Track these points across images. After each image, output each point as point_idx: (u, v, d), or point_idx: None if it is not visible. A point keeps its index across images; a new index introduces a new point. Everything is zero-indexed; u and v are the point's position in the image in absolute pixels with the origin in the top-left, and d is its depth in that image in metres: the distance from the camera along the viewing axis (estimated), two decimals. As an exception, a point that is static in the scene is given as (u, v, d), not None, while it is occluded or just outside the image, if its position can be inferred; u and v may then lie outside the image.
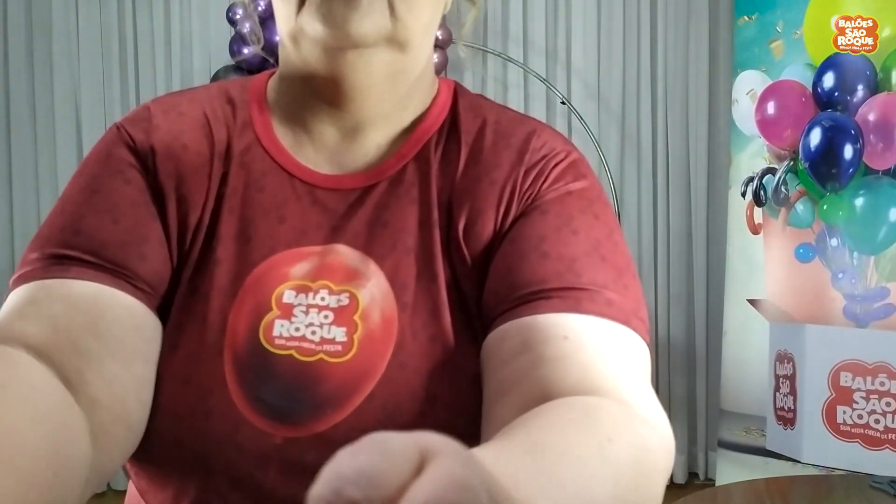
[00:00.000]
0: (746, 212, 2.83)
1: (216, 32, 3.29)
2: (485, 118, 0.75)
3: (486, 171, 0.71)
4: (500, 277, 0.66)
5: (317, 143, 0.73)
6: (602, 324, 0.64)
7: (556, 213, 0.68)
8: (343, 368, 0.64)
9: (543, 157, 0.72)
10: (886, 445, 2.59)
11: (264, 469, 0.64)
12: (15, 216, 3.44)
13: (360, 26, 0.64)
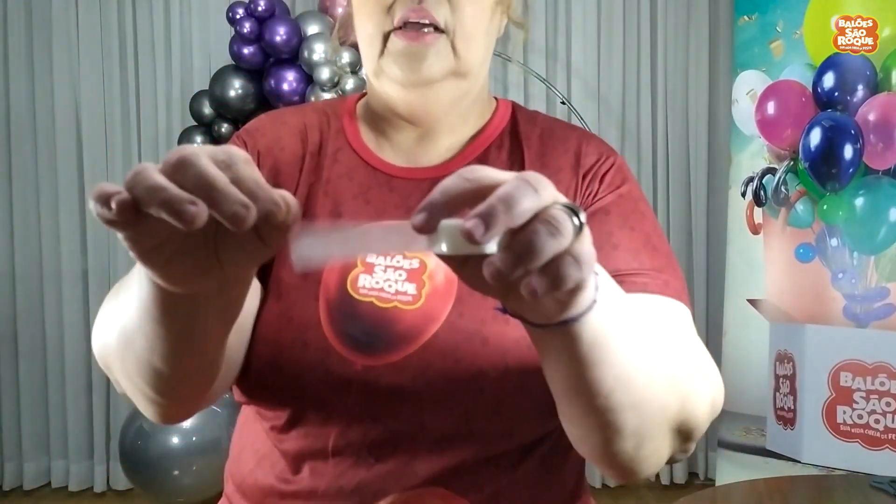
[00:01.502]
0: (746, 212, 2.82)
1: (216, 32, 3.29)
2: (542, 127, 0.92)
3: (551, 172, 0.86)
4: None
5: (395, 146, 0.91)
6: (664, 301, 0.79)
7: (616, 213, 0.84)
8: (412, 314, 0.80)
9: (595, 161, 0.88)
10: (886, 445, 2.59)
11: (346, 391, 0.79)
12: (15, 216, 3.44)
13: (430, 69, 0.83)
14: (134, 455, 2.85)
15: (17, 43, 3.40)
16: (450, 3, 0.83)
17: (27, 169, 3.43)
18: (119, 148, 3.41)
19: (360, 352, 0.80)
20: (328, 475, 0.81)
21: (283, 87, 2.91)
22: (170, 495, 2.91)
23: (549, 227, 0.48)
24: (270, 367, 0.80)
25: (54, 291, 3.44)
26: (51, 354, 3.45)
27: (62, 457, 3.48)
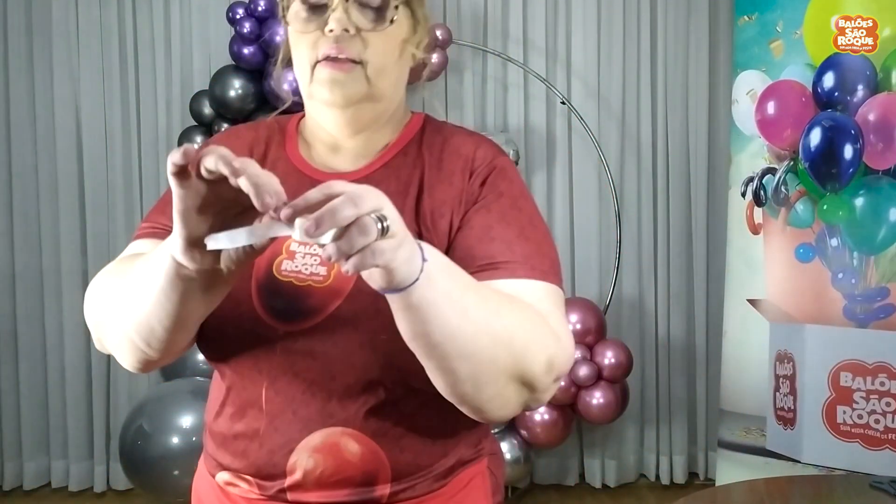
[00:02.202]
0: (746, 212, 2.82)
1: (216, 32, 3.29)
2: (445, 136, 1.11)
3: (445, 175, 1.06)
4: (464, 252, 1.00)
5: (321, 155, 1.11)
6: (531, 283, 0.98)
7: (496, 210, 1.03)
8: (322, 290, 1.01)
9: (481, 165, 1.07)
10: (886, 445, 2.59)
11: (272, 352, 1.01)
12: (15, 216, 3.44)
13: (348, 92, 1.02)
14: (134, 455, 2.85)
15: (17, 43, 3.40)
16: (362, 41, 1.02)
17: (27, 169, 3.43)
18: (119, 148, 3.41)
19: (281, 320, 1.01)
20: (264, 419, 1.03)
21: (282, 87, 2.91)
22: (170, 495, 2.90)
23: (358, 228, 0.73)
24: (216, 333, 1.03)
25: (54, 291, 3.44)
26: (51, 354, 3.45)
27: (62, 457, 3.48)
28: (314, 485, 1.01)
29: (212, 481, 1.14)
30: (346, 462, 1.01)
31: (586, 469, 3.55)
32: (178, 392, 2.95)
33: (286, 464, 1.02)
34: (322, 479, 1.01)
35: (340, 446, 1.01)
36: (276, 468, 1.03)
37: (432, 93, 3.38)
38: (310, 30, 1.02)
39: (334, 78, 1.01)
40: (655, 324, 3.52)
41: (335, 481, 1.01)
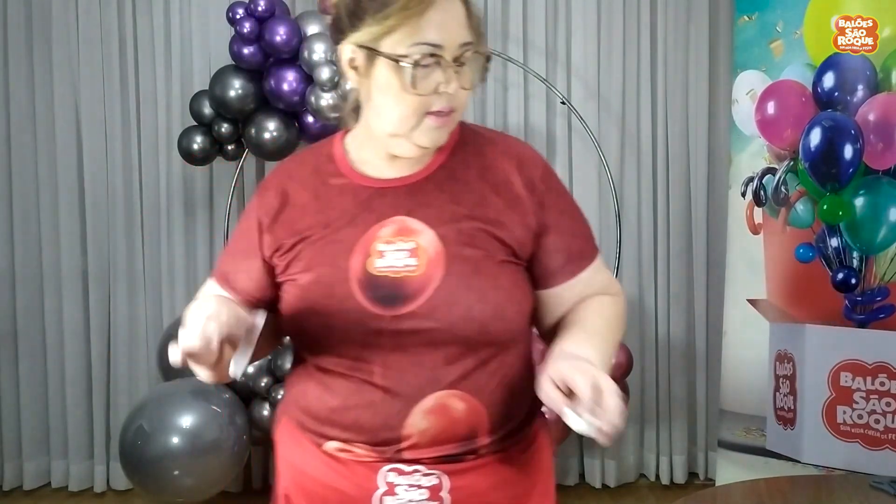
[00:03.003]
0: (746, 212, 2.82)
1: (216, 32, 3.29)
2: (485, 137, 1.32)
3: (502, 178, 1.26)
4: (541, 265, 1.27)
5: (377, 167, 1.27)
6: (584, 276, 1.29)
7: (554, 213, 1.28)
8: (418, 278, 1.18)
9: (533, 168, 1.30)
10: (886, 445, 2.59)
11: (381, 335, 1.18)
12: (15, 216, 3.44)
13: (442, 138, 1.22)
14: (134, 455, 2.85)
15: (17, 43, 3.40)
16: (460, 95, 1.20)
17: (27, 169, 3.43)
18: (119, 148, 3.41)
19: (387, 307, 1.18)
20: (378, 393, 1.19)
21: (283, 87, 2.91)
22: (170, 495, 2.90)
23: (623, 414, 1.05)
24: (323, 331, 1.20)
25: (54, 291, 3.43)
26: (51, 354, 3.45)
27: (62, 457, 3.48)
28: (428, 443, 1.19)
29: (316, 451, 1.26)
30: (453, 419, 1.19)
31: (586, 469, 3.55)
32: (178, 392, 2.95)
33: (402, 428, 1.18)
34: (434, 436, 1.19)
35: (448, 407, 1.19)
36: (392, 433, 1.19)
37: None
38: (427, 90, 1.16)
39: (440, 128, 1.20)
40: (655, 324, 3.52)
41: (445, 437, 1.19)
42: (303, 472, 1.27)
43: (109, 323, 3.45)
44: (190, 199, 3.44)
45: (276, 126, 3.00)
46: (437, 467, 1.20)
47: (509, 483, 1.25)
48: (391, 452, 1.20)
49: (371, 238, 1.20)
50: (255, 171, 3.41)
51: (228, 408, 2.94)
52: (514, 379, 1.24)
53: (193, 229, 3.44)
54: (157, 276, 3.45)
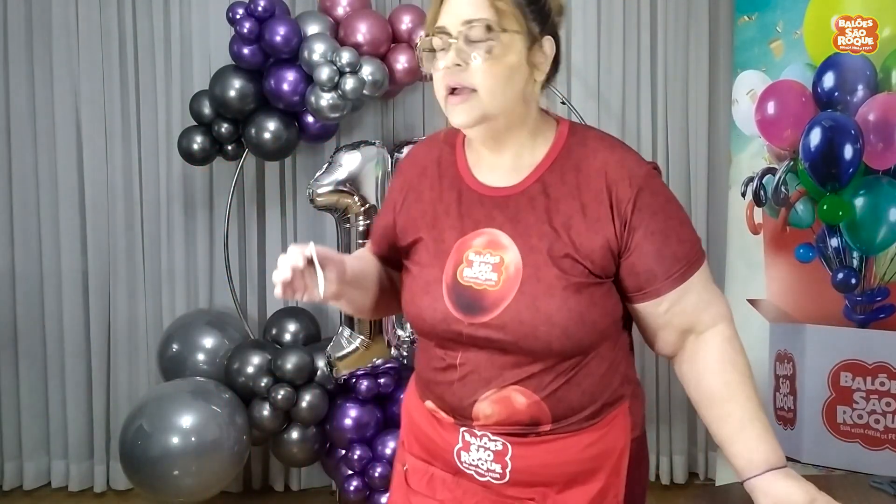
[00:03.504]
0: (746, 212, 2.82)
1: (216, 32, 3.29)
2: (589, 151, 1.32)
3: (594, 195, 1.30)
4: (629, 282, 1.33)
5: (483, 171, 1.38)
6: (677, 295, 1.33)
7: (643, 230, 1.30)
8: (495, 292, 1.30)
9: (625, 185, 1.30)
10: (886, 445, 2.59)
11: (461, 335, 1.33)
12: (15, 216, 3.44)
13: (461, 119, 1.29)
14: (134, 455, 2.85)
15: (17, 43, 3.40)
16: (474, 72, 1.25)
17: (27, 169, 3.43)
18: (119, 148, 3.41)
19: (467, 315, 1.32)
20: (457, 375, 1.35)
21: (283, 87, 2.91)
22: (170, 495, 2.91)
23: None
24: (422, 323, 1.38)
25: (54, 291, 3.43)
26: (51, 354, 3.45)
27: (62, 457, 3.48)
28: (493, 424, 1.34)
29: (421, 405, 1.46)
30: (515, 410, 1.32)
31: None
32: (178, 392, 2.95)
33: (472, 410, 1.34)
34: (498, 421, 1.33)
35: (511, 399, 1.32)
36: (464, 412, 1.36)
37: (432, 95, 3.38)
38: (431, 69, 1.29)
39: (455, 105, 1.28)
40: (655, 324, 3.52)
41: (508, 422, 1.33)
42: (413, 420, 1.48)
43: (109, 323, 3.45)
44: (190, 199, 3.44)
45: (276, 126, 3.00)
46: (503, 437, 1.34)
47: (572, 462, 1.34)
48: (464, 423, 1.37)
49: (465, 246, 1.34)
50: (255, 171, 3.41)
51: (228, 408, 2.94)
52: (585, 378, 1.34)
53: (193, 229, 3.44)
54: (157, 276, 3.45)
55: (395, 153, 3.07)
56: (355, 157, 2.94)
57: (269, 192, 3.42)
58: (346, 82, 2.81)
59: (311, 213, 3.32)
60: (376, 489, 2.99)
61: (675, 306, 1.33)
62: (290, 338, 3.22)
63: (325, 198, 2.93)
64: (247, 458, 3.11)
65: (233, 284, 3.27)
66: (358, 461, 2.98)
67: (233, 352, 3.10)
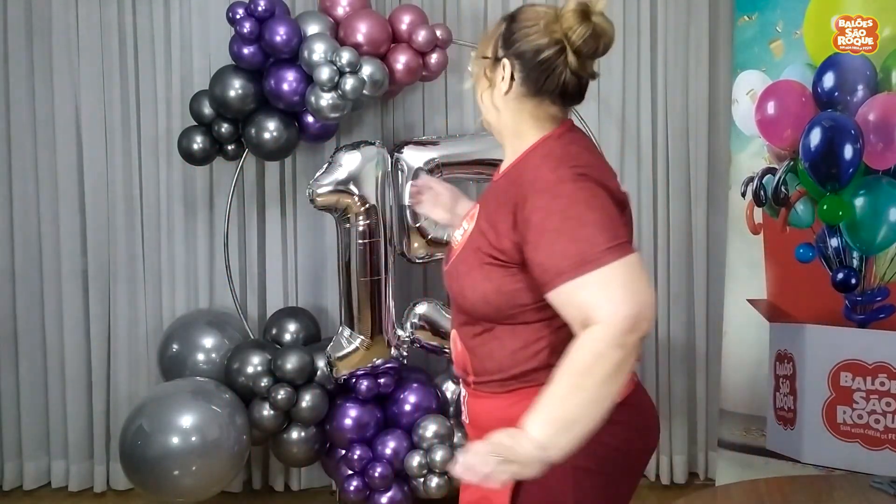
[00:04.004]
0: (746, 212, 2.83)
1: (216, 32, 3.29)
2: (532, 161, 1.50)
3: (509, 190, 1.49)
4: (536, 262, 1.40)
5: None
6: (558, 295, 1.37)
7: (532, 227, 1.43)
8: (454, 251, 1.59)
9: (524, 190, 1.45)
10: (886, 445, 2.59)
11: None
12: (15, 216, 3.44)
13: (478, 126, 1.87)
14: (134, 455, 2.85)
15: (17, 43, 3.40)
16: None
17: (27, 169, 3.43)
18: (119, 148, 3.41)
19: (446, 264, 1.62)
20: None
21: (283, 87, 2.91)
22: (170, 495, 2.91)
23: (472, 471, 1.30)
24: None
25: (54, 291, 3.43)
26: (51, 354, 3.45)
27: (62, 457, 3.48)
28: (454, 365, 1.63)
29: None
30: (457, 353, 1.59)
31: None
32: (178, 392, 2.95)
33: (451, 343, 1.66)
34: (454, 362, 1.62)
35: (455, 341, 1.59)
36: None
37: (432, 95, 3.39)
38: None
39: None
40: (655, 324, 3.52)
41: (456, 362, 1.61)
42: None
43: (109, 323, 3.45)
44: (190, 199, 3.44)
45: (276, 126, 3.00)
46: (461, 381, 1.64)
47: (489, 420, 1.48)
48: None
49: (468, 214, 1.63)
50: (255, 171, 3.41)
51: (228, 408, 2.94)
52: (497, 347, 1.50)
53: (193, 229, 3.44)
54: (157, 276, 3.45)
55: (395, 153, 3.07)
56: (355, 157, 2.94)
57: (269, 192, 3.42)
58: (346, 82, 2.81)
59: (311, 213, 3.32)
60: (376, 489, 2.99)
61: (569, 300, 1.34)
62: (290, 338, 3.22)
63: (325, 198, 2.93)
64: (247, 458, 3.11)
65: (233, 284, 3.27)
66: (358, 461, 2.98)
67: (233, 352, 3.10)
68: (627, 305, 1.28)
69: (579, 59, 1.46)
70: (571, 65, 1.46)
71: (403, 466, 3.00)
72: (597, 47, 1.45)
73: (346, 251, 2.98)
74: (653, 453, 1.62)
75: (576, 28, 1.43)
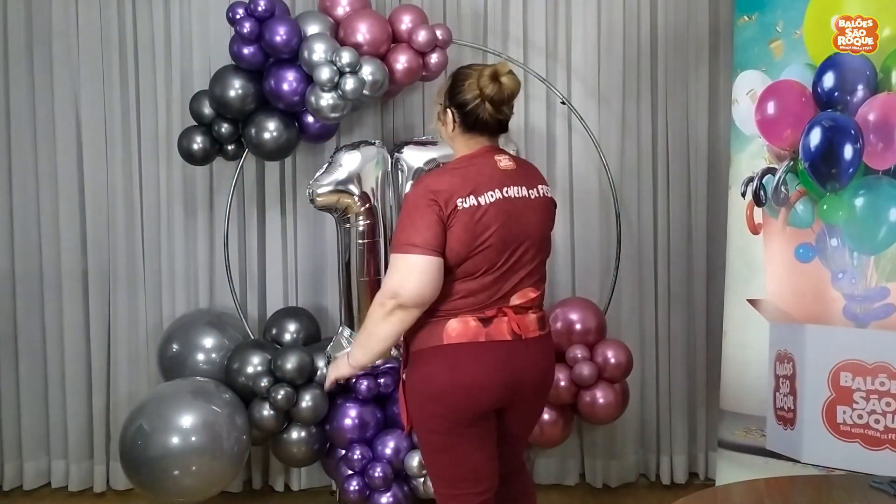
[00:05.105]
0: (746, 212, 2.82)
1: (216, 32, 3.29)
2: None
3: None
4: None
5: None
6: (393, 258, 2.08)
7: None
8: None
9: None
10: (886, 445, 2.59)
11: None
12: (15, 216, 3.44)
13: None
14: (134, 455, 2.85)
15: (17, 43, 3.40)
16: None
17: (27, 169, 3.43)
18: (119, 148, 3.41)
19: None
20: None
21: (283, 87, 2.91)
22: (170, 495, 2.91)
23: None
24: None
25: (54, 291, 3.44)
26: (51, 354, 3.45)
27: (62, 457, 3.48)
28: None
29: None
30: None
31: (586, 469, 3.55)
32: (178, 392, 2.95)
33: None
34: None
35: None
36: None
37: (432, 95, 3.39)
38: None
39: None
40: (655, 324, 3.52)
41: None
42: None
43: (109, 323, 3.45)
44: (190, 199, 3.44)
45: (276, 126, 3.00)
46: None
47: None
48: None
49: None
50: (255, 171, 3.42)
51: (228, 408, 2.94)
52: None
53: (193, 229, 3.44)
54: (157, 276, 3.45)
55: (395, 153, 3.07)
56: (355, 157, 2.94)
57: (269, 192, 3.42)
58: (346, 82, 2.81)
59: (311, 213, 3.32)
60: (376, 489, 2.99)
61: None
62: (290, 338, 3.22)
63: (325, 198, 2.93)
64: (247, 458, 3.11)
65: (233, 284, 3.27)
66: (358, 461, 2.98)
67: (233, 352, 3.10)
68: (391, 283, 2.04)
69: (493, 106, 2.11)
70: (488, 110, 2.11)
71: (403, 466, 3.00)
72: (504, 97, 2.13)
73: (346, 251, 2.98)
74: (482, 390, 2.07)
75: (488, 86, 2.10)
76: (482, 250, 2.05)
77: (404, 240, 2.01)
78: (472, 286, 2.07)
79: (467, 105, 2.11)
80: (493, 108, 2.10)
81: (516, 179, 2.13)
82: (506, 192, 2.09)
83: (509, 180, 2.11)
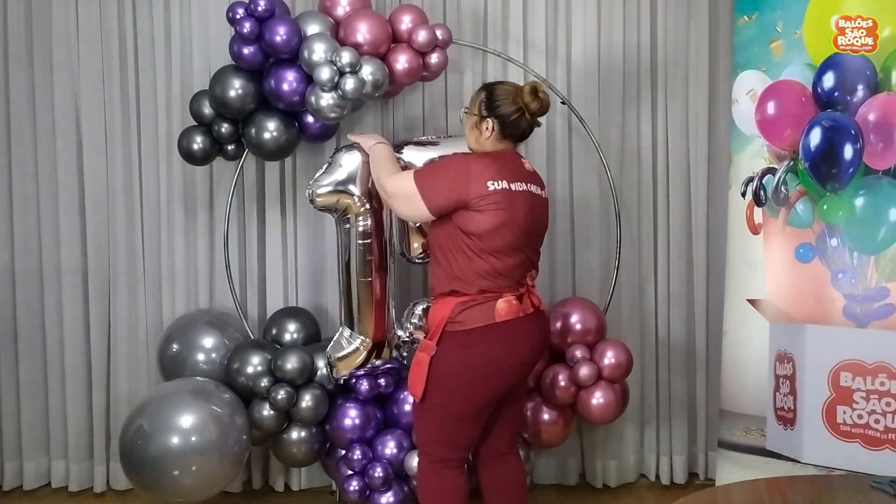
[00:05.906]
0: (746, 212, 2.82)
1: (216, 32, 3.29)
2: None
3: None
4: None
5: None
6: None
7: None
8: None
9: None
10: (886, 445, 2.59)
11: None
12: (15, 216, 3.44)
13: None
14: (134, 455, 2.85)
15: (17, 43, 3.40)
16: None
17: (27, 169, 3.43)
18: (119, 148, 3.41)
19: None
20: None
21: (283, 87, 2.91)
22: (170, 495, 2.91)
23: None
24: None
25: (54, 291, 3.44)
26: (51, 354, 3.45)
27: (62, 457, 3.48)
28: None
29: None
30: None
31: (586, 469, 3.55)
32: (178, 392, 2.95)
33: None
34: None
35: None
36: None
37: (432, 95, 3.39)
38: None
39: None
40: (655, 324, 3.52)
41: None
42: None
43: (109, 323, 3.45)
44: (190, 199, 3.44)
45: (276, 126, 3.00)
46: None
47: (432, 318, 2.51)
48: None
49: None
50: (255, 171, 3.42)
51: (228, 408, 2.94)
52: (434, 271, 2.53)
53: (193, 229, 3.44)
54: (157, 276, 3.45)
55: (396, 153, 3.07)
56: (355, 157, 2.94)
57: (269, 192, 3.42)
58: (346, 82, 2.81)
59: (311, 213, 3.32)
60: (376, 489, 2.99)
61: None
62: (290, 338, 3.22)
63: (324, 198, 2.93)
64: (247, 458, 3.11)
65: (233, 284, 3.27)
66: (358, 461, 2.98)
67: (233, 352, 3.10)
68: (389, 187, 2.57)
69: (532, 118, 2.48)
70: (527, 121, 2.48)
71: (403, 466, 3.00)
72: (544, 110, 2.48)
73: (346, 251, 2.97)
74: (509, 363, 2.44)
75: (532, 102, 2.45)
76: (513, 230, 2.40)
77: (424, 178, 2.44)
78: (509, 263, 2.42)
79: (510, 116, 2.45)
80: (531, 119, 2.48)
81: (535, 180, 2.52)
82: (530, 188, 2.47)
83: (531, 180, 2.49)
